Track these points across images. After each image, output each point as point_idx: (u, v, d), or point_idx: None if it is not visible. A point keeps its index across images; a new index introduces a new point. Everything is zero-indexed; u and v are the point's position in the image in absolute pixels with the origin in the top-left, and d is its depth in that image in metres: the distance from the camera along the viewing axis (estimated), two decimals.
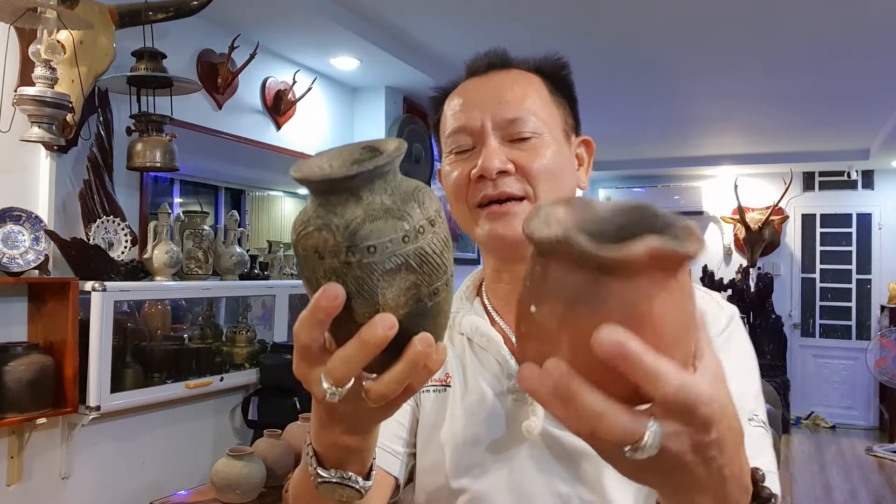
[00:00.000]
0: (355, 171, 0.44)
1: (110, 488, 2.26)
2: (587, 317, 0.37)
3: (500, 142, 0.76)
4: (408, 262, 0.44)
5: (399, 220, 0.45)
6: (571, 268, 0.38)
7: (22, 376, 1.89)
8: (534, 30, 3.03)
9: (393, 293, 0.44)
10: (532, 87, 0.80)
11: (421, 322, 0.46)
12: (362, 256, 0.43)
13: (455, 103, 0.81)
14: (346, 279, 0.44)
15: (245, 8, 2.57)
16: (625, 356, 0.35)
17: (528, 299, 0.41)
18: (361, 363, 0.44)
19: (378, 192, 0.46)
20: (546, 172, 0.76)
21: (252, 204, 3.20)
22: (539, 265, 0.40)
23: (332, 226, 0.44)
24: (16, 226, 1.94)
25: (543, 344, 0.40)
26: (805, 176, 6.69)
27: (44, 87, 1.84)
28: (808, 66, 3.51)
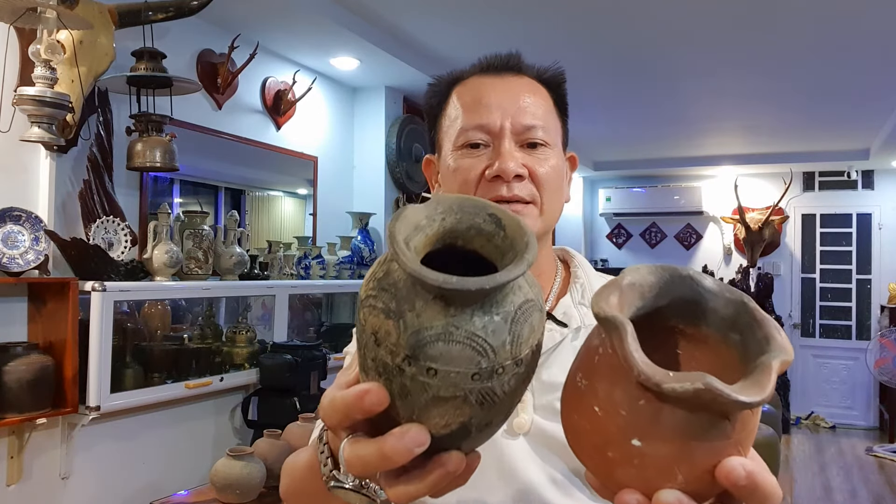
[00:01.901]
0: (454, 287, 0.36)
1: (110, 488, 2.26)
2: (712, 450, 0.38)
3: (514, 146, 0.78)
4: (467, 397, 0.39)
5: (479, 354, 0.38)
6: (696, 409, 0.37)
7: (22, 376, 1.89)
8: (534, 30, 3.03)
9: (438, 414, 0.39)
10: (543, 97, 0.82)
11: (459, 443, 0.41)
12: (419, 373, 0.38)
13: (470, 99, 0.81)
14: (392, 380, 0.39)
15: (245, 8, 2.57)
16: (754, 486, 0.39)
17: (629, 432, 0.39)
18: (378, 469, 0.41)
19: (474, 306, 0.38)
20: (552, 181, 0.79)
21: (252, 204, 3.20)
22: (648, 401, 0.38)
23: (402, 321, 0.38)
24: (16, 226, 1.94)
25: (647, 475, 0.39)
26: (805, 176, 6.69)
27: (44, 87, 1.84)
28: (808, 66, 3.51)
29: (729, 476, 0.39)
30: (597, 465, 0.42)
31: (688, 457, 0.38)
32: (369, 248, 3.41)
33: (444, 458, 0.41)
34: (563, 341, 0.78)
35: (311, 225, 3.34)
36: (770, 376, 0.37)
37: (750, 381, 0.37)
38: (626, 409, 0.39)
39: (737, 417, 0.38)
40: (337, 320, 3.43)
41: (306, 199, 3.38)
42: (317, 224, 3.35)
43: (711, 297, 0.42)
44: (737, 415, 0.38)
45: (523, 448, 0.74)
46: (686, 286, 0.42)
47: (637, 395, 0.38)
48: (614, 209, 7.00)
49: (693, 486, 0.39)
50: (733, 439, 0.39)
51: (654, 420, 0.38)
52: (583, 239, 7.07)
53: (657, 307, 0.43)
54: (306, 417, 2.42)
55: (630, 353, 0.37)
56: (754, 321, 0.41)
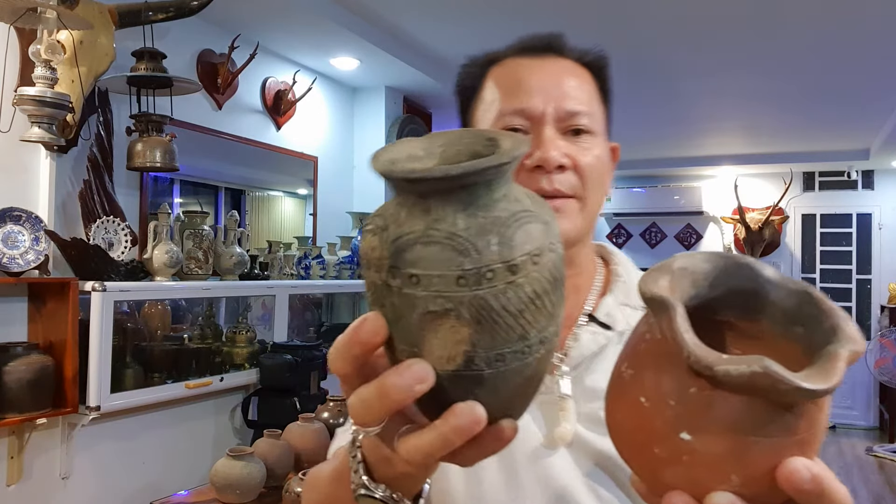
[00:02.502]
0: (419, 175, 0.34)
1: (110, 488, 2.26)
2: (771, 448, 0.34)
3: (556, 132, 0.71)
4: (458, 310, 0.34)
5: (461, 254, 0.34)
6: (758, 400, 0.34)
7: (22, 376, 1.89)
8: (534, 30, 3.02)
9: (437, 342, 0.35)
10: (587, 81, 0.76)
11: (473, 389, 0.36)
12: (403, 283, 0.35)
13: (509, 81, 0.74)
14: (385, 302, 0.36)
15: (245, 8, 2.58)
16: (821, 492, 0.35)
17: (676, 424, 0.35)
18: (381, 413, 0.37)
19: (455, 208, 0.35)
20: (596, 172, 0.73)
21: (252, 204, 3.20)
22: (699, 389, 0.34)
23: (385, 233, 0.36)
24: (16, 226, 1.94)
25: (698, 475, 0.35)
26: (805, 176, 6.69)
27: (44, 88, 1.85)
28: (808, 66, 3.51)
29: (791, 478, 0.34)
30: (642, 465, 0.38)
31: (744, 454, 0.34)
32: None
33: (457, 407, 0.36)
34: (608, 345, 0.72)
35: (311, 225, 3.34)
36: (838, 364, 0.34)
37: (815, 369, 0.34)
38: (675, 398, 0.35)
39: (801, 411, 0.34)
40: (337, 320, 3.43)
41: (306, 199, 3.38)
42: (317, 224, 3.35)
43: (772, 287, 0.39)
44: (801, 407, 0.34)
45: (566, 461, 0.67)
46: (744, 276, 0.39)
47: (687, 383, 0.35)
48: (614, 209, 7.00)
49: (750, 490, 0.35)
50: (797, 437, 0.34)
51: (706, 411, 0.34)
52: None
53: (710, 298, 0.39)
54: (306, 417, 2.42)
55: (680, 333, 0.34)
56: (820, 311, 0.37)
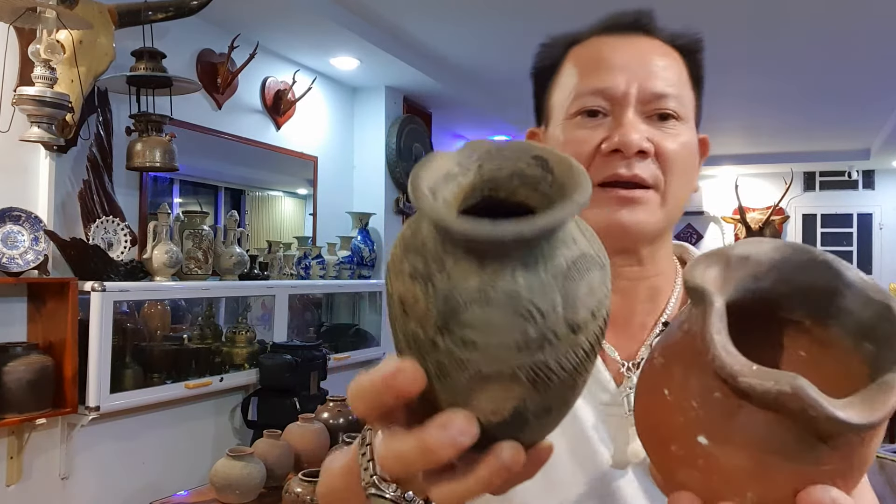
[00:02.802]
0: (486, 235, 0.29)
1: (110, 489, 2.26)
2: (795, 474, 0.32)
3: (638, 116, 0.65)
4: (516, 375, 0.31)
5: (525, 319, 0.31)
6: (781, 418, 0.31)
7: (21, 376, 1.89)
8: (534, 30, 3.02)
9: (485, 398, 0.32)
10: (677, 63, 0.69)
11: (515, 434, 0.34)
12: (454, 346, 0.31)
13: (590, 59, 0.68)
14: (427, 357, 0.32)
15: (245, 8, 2.57)
16: None
17: (697, 427, 0.33)
18: (420, 468, 0.34)
19: (516, 262, 0.31)
20: (682, 162, 0.66)
21: (252, 204, 3.20)
22: (724, 395, 0.32)
23: (431, 284, 0.31)
24: (15, 226, 1.94)
25: (712, 483, 0.33)
26: (806, 176, 6.69)
27: (43, 87, 1.84)
28: (809, 65, 3.51)
29: None
30: (660, 459, 0.36)
31: (763, 474, 0.32)
32: (369, 249, 3.41)
33: (497, 449, 0.33)
34: None
35: (310, 225, 3.34)
36: (891, 397, 0.30)
37: (861, 398, 0.30)
38: (699, 400, 0.33)
39: (838, 442, 0.31)
40: (337, 320, 3.42)
41: (306, 199, 3.38)
42: (317, 224, 3.34)
43: (851, 292, 0.34)
44: (838, 438, 0.31)
45: (633, 484, 0.62)
46: (820, 272, 0.35)
47: (712, 386, 0.32)
48: None
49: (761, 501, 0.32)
50: (828, 468, 0.31)
51: (727, 420, 0.32)
52: None
53: (777, 293, 0.36)
54: (306, 418, 2.42)
55: (711, 333, 0.31)
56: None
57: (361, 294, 3.39)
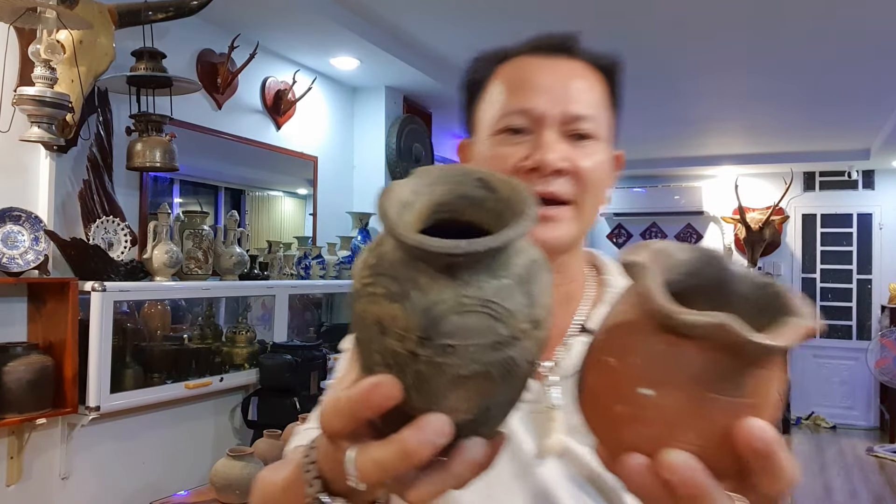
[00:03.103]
0: (462, 250, 0.33)
1: (110, 488, 2.26)
2: (725, 407, 0.35)
3: (557, 135, 0.70)
4: (488, 371, 0.35)
5: (496, 320, 0.35)
6: (716, 355, 0.35)
7: (22, 376, 1.89)
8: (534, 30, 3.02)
9: (456, 398, 0.36)
10: (596, 85, 0.74)
11: (479, 429, 0.38)
12: (434, 354, 0.34)
13: (515, 80, 0.73)
14: (405, 369, 0.35)
15: (245, 8, 2.57)
16: (771, 454, 0.36)
17: (639, 379, 0.36)
18: (399, 471, 0.36)
19: (481, 271, 0.35)
20: (596, 179, 0.71)
21: (252, 204, 3.20)
22: (664, 344, 0.36)
23: (409, 302, 0.34)
24: (15, 226, 1.94)
25: (655, 432, 0.36)
26: (805, 176, 6.69)
27: (43, 87, 1.84)
28: (809, 66, 3.51)
29: (747, 434, 0.35)
30: (605, 428, 0.39)
31: (700, 411, 0.35)
32: None
33: (467, 447, 0.37)
34: None
35: (311, 225, 3.34)
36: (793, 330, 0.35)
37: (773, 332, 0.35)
38: (641, 355, 0.36)
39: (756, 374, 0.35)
40: (337, 320, 3.42)
41: (306, 199, 3.38)
42: (317, 224, 3.35)
43: (738, 280, 0.40)
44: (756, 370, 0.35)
45: (556, 473, 0.67)
46: (715, 267, 0.40)
47: (653, 340, 0.36)
48: (614, 209, 6.99)
49: (705, 450, 0.35)
50: (751, 401, 0.36)
51: (668, 365, 0.35)
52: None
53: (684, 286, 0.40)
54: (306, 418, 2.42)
55: (650, 286, 0.35)
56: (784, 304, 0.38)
57: None
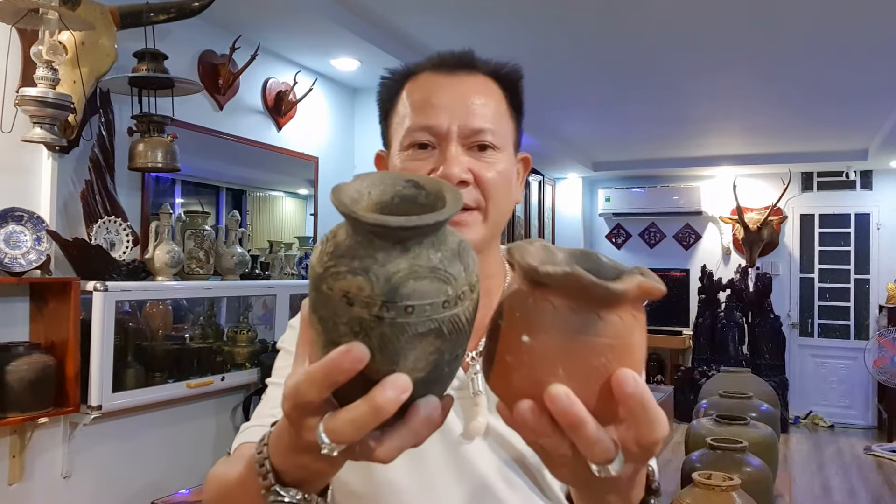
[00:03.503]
0: (415, 223, 0.40)
1: (111, 487, 2.27)
2: (586, 346, 0.42)
3: (460, 149, 0.76)
4: (440, 328, 0.42)
5: (444, 283, 0.42)
6: (572, 301, 0.42)
7: (24, 376, 1.89)
8: (533, 30, 3.04)
9: (414, 356, 0.42)
10: (495, 98, 0.80)
11: (432, 387, 0.44)
12: (397, 315, 0.40)
13: (419, 98, 0.79)
14: (370, 333, 0.41)
15: (246, 9, 2.58)
16: (641, 401, 0.42)
17: (520, 329, 0.43)
18: (371, 428, 0.42)
19: (427, 246, 0.42)
20: (499, 186, 0.78)
21: (253, 204, 3.21)
22: (534, 297, 0.43)
23: (372, 273, 0.40)
24: (18, 226, 1.95)
25: (536, 372, 0.43)
26: (804, 176, 6.70)
27: (45, 88, 1.85)
28: (807, 66, 3.52)
29: (619, 383, 0.41)
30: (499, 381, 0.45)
31: (567, 349, 0.42)
32: None
33: (422, 404, 0.43)
34: None
35: (311, 225, 3.35)
36: (630, 279, 0.43)
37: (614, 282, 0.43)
38: (520, 310, 0.44)
39: (609, 319, 0.42)
40: None
41: (307, 199, 3.39)
42: (317, 224, 3.35)
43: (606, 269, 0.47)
44: (608, 315, 0.42)
45: (482, 450, 0.75)
46: (590, 260, 0.48)
47: (527, 295, 0.44)
48: (613, 209, 7.01)
49: (574, 384, 0.42)
50: (607, 341, 0.42)
51: (538, 314, 0.43)
52: (582, 239, 7.08)
53: None
54: None
55: (525, 256, 0.44)
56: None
57: None
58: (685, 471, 1.99)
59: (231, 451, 0.74)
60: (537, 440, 0.44)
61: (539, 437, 0.43)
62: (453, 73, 0.80)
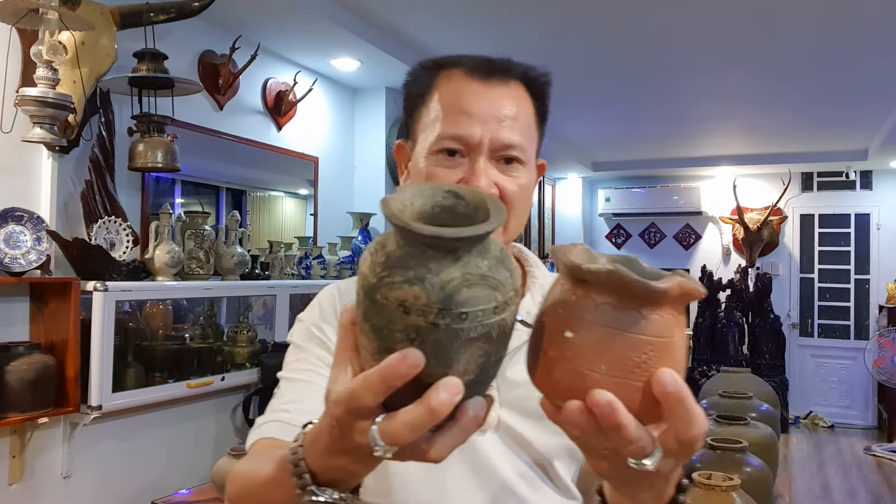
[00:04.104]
0: (468, 234, 0.43)
1: (112, 487, 2.27)
2: (627, 342, 0.44)
3: (488, 161, 0.78)
4: (490, 332, 0.44)
5: (493, 289, 0.44)
6: (614, 298, 0.44)
7: (24, 376, 1.89)
8: (534, 30, 3.04)
9: (465, 360, 0.44)
10: (526, 109, 0.81)
11: (478, 388, 0.46)
12: (452, 321, 0.42)
13: (453, 103, 0.79)
14: (425, 339, 0.43)
15: (246, 9, 2.58)
16: (681, 399, 0.43)
17: (563, 325, 0.45)
18: (425, 429, 0.44)
19: (475, 254, 0.44)
20: (520, 199, 0.80)
21: (253, 204, 3.21)
22: (577, 295, 0.45)
23: (427, 283, 0.42)
24: (18, 226, 1.95)
25: (578, 367, 0.44)
26: (804, 176, 6.71)
27: (45, 88, 1.85)
28: (807, 66, 3.52)
29: (660, 381, 0.43)
30: (543, 375, 0.47)
31: (609, 345, 0.44)
32: None
33: (471, 405, 0.45)
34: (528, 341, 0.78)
35: (311, 225, 3.35)
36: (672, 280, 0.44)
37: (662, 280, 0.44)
38: (563, 307, 0.46)
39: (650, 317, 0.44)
40: None
41: (307, 199, 3.39)
42: (317, 224, 3.35)
43: (647, 272, 0.48)
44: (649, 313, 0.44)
45: (494, 444, 0.77)
46: (631, 264, 0.48)
47: (570, 293, 0.46)
48: (613, 209, 7.01)
49: (615, 379, 0.43)
50: (648, 338, 0.44)
51: (581, 310, 0.45)
52: (582, 239, 7.08)
53: None
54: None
55: (568, 256, 0.46)
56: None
57: None
58: (685, 471, 1.99)
59: (247, 446, 0.77)
60: (581, 437, 0.46)
61: (584, 435, 0.45)
62: (488, 81, 0.80)
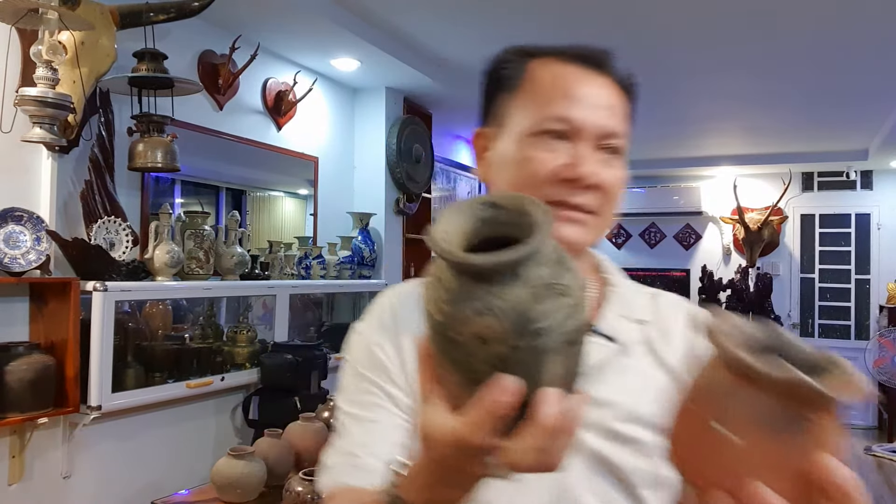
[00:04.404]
0: (526, 252, 0.42)
1: (111, 488, 2.26)
2: (791, 445, 0.41)
3: (592, 149, 0.74)
4: (569, 338, 0.43)
5: (562, 296, 0.43)
6: (778, 399, 0.40)
7: (23, 376, 1.89)
8: (533, 30, 3.03)
9: (552, 369, 0.43)
10: (622, 102, 0.78)
11: (570, 390, 0.45)
12: (531, 339, 0.42)
13: (558, 85, 0.75)
14: (509, 363, 0.42)
15: (246, 9, 2.58)
16: (850, 494, 0.40)
17: (709, 413, 0.43)
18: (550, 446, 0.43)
19: (532, 266, 0.43)
20: (617, 192, 0.76)
21: (253, 204, 3.21)
22: (732, 382, 0.42)
23: (497, 310, 0.42)
24: (17, 226, 1.95)
25: (728, 461, 0.42)
26: (804, 176, 6.70)
27: (45, 88, 1.85)
28: (808, 66, 3.52)
29: (827, 470, 0.40)
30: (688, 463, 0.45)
31: (767, 446, 0.40)
32: (370, 249, 3.42)
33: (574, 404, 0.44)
34: (612, 358, 0.74)
35: (311, 225, 3.34)
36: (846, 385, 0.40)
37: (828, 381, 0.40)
38: (709, 391, 0.43)
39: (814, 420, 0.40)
40: (337, 320, 3.43)
41: (307, 199, 3.38)
42: (317, 224, 3.35)
43: (793, 349, 0.45)
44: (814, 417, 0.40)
45: (577, 469, 0.70)
46: (773, 336, 0.46)
47: (720, 377, 0.42)
48: None
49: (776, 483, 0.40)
50: (812, 443, 0.40)
51: (737, 403, 0.41)
52: None
53: None
54: (307, 417, 2.43)
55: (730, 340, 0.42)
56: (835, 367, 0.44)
57: (362, 294, 3.39)
58: None
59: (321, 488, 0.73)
60: None
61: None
62: (587, 69, 0.76)
